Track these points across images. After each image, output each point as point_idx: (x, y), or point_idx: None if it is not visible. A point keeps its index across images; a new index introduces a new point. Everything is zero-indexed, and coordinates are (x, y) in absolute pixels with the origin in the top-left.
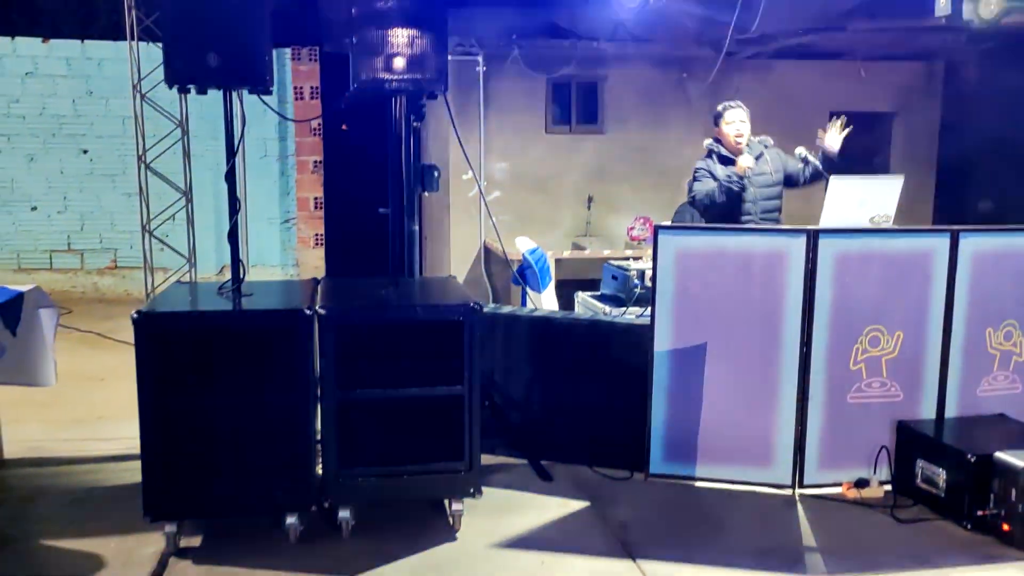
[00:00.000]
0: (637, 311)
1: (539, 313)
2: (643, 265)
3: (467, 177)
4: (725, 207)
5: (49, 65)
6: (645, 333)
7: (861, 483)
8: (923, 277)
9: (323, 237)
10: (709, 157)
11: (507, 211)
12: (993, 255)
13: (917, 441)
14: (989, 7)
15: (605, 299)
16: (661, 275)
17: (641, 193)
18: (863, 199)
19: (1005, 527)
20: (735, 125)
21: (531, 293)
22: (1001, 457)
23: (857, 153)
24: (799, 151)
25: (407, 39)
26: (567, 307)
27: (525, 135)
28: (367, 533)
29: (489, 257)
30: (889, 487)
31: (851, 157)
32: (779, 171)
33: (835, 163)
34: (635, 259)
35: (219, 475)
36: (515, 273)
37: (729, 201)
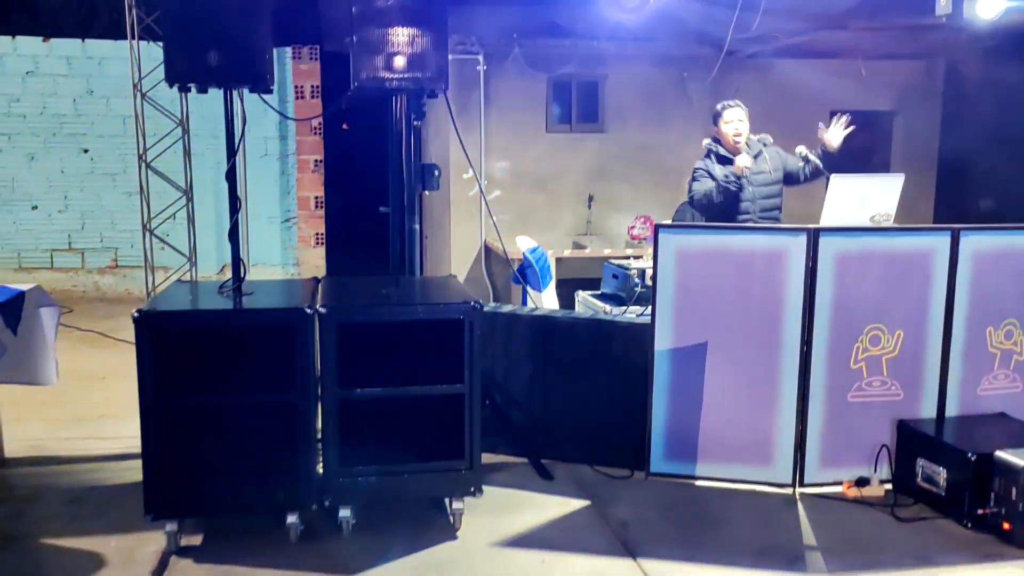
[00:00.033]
0: (638, 310)
1: (540, 312)
2: (644, 264)
3: (468, 176)
4: (723, 206)
5: (50, 64)
6: (645, 332)
7: (861, 482)
8: (924, 276)
9: (324, 236)
10: (708, 157)
11: (507, 210)
12: (994, 254)
13: (917, 440)
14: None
15: (606, 298)
16: (662, 274)
17: (642, 192)
18: (864, 198)
19: (1005, 526)
20: (733, 124)
21: (531, 292)
22: (1001, 456)
23: (858, 152)
24: (800, 150)
25: (407, 38)
26: (567, 306)
27: (526, 134)
28: (368, 532)
29: (490, 256)
30: (889, 486)
31: (851, 156)
32: (778, 169)
33: (833, 158)
34: (636, 258)
35: (220, 474)
36: (515, 272)
37: (727, 200)
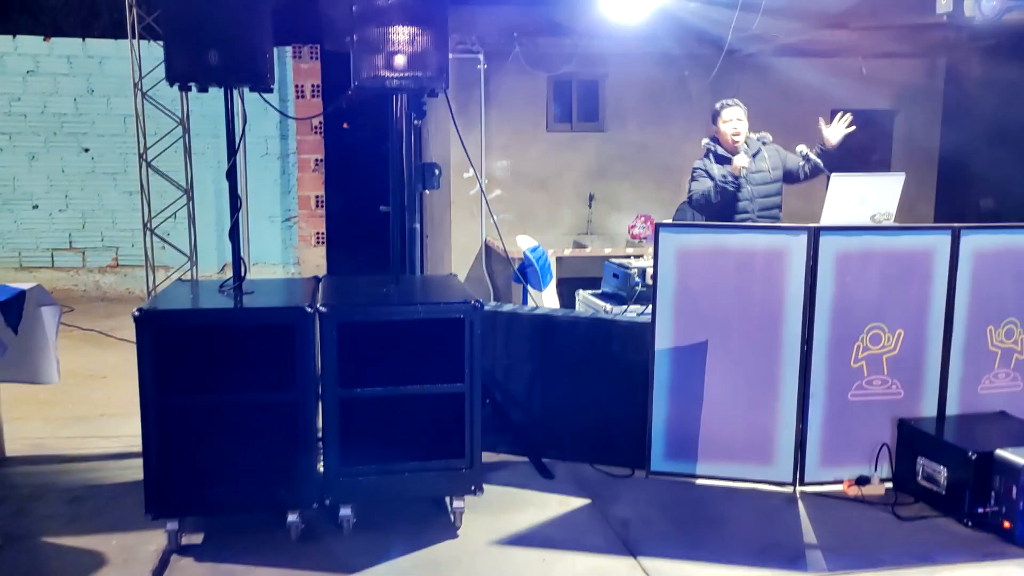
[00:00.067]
0: (638, 309)
1: (540, 311)
2: (644, 263)
3: (468, 175)
4: (721, 206)
5: (50, 63)
6: (646, 331)
7: (862, 480)
8: (924, 275)
9: (324, 235)
10: (706, 156)
11: (508, 209)
12: (994, 253)
13: (918, 438)
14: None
15: (606, 297)
16: (662, 273)
17: (642, 191)
18: (864, 197)
19: (1006, 524)
20: (732, 124)
21: (532, 291)
22: (1002, 455)
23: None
24: (800, 148)
25: (408, 37)
26: (568, 305)
27: (526, 133)
28: (368, 530)
29: (490, 255)
30: (890, 484)
31: (852, 155)
32: (777, 168)
33: (832, 156)
34: (636, 257)
35: (220, 473)
36: (516, 271)
37: (725, 200)
